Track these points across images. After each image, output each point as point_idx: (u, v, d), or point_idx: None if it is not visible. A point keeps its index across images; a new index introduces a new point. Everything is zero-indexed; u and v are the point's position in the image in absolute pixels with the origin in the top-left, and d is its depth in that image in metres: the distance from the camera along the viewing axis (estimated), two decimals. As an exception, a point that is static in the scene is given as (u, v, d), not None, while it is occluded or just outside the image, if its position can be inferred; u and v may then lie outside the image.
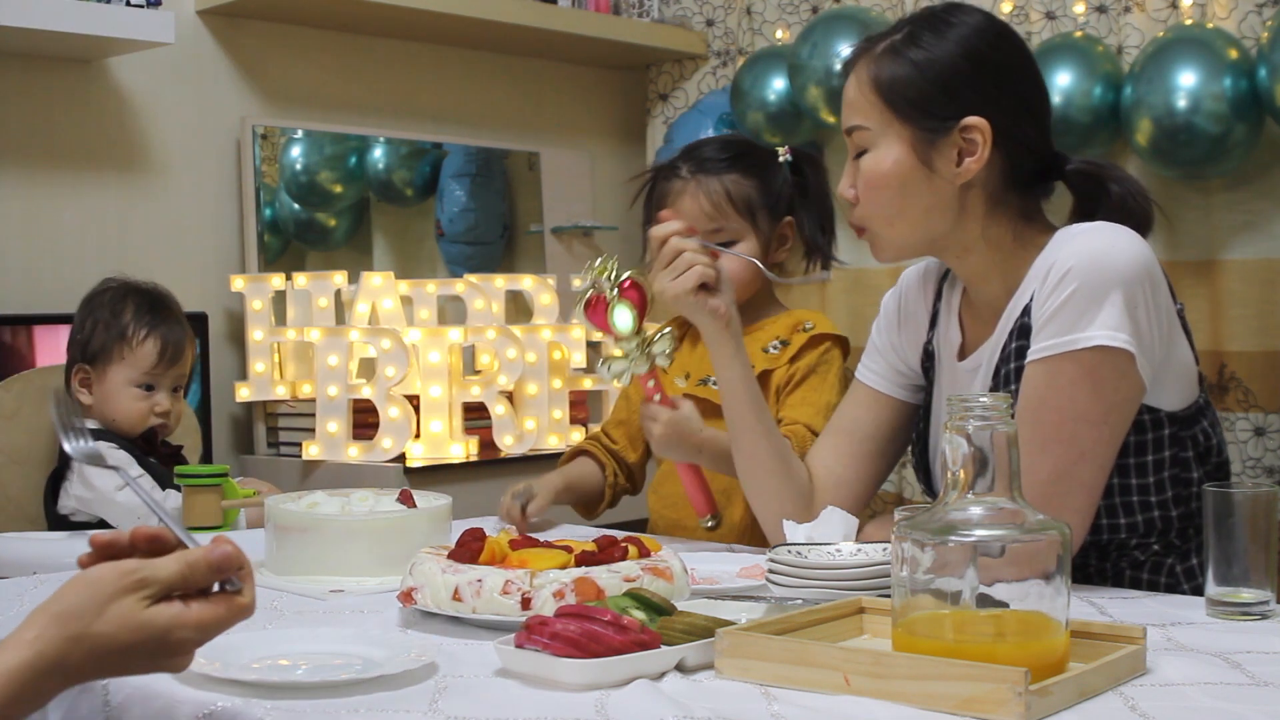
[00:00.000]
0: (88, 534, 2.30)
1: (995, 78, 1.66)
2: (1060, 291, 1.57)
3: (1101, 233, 1.61)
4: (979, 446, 1.21)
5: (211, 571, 1.07)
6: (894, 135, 1.65)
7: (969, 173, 1.64)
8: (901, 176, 1.65)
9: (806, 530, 1.65)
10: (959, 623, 1.19)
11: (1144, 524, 1.66)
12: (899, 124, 1.65)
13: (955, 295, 1.81)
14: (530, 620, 1.24)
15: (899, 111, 1.65)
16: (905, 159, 1.65)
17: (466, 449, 2.98)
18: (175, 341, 2.47)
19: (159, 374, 2.45)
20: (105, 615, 1.03)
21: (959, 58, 1.64)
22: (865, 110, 1.67)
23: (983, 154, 1.63)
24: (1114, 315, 1.55)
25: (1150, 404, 1.62)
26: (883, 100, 1.65)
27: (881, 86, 1.65)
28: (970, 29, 1.66)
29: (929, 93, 1.64)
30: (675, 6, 3.90)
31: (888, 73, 1.65)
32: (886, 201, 1.67)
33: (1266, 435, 3.01)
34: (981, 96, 1.64)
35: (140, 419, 2.44)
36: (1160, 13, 3.08)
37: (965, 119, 1.63)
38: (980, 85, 1.64)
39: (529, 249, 3.85)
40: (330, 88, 3.46)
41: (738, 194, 2.11)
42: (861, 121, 1.68)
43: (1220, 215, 3.05)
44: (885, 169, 1.66)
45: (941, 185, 1.65)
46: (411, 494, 1.81)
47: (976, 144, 1.63)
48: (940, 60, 1.64)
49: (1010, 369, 1.65)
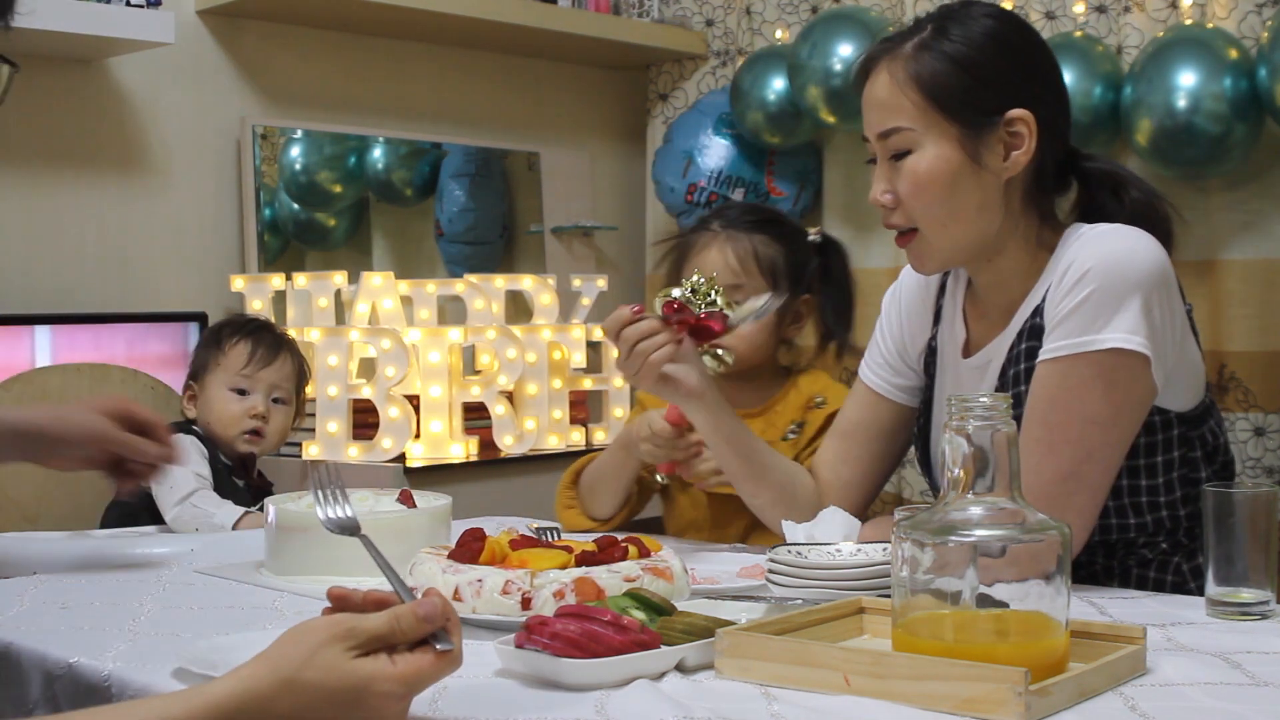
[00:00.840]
0: (87, 534, 2.32)
1: (1030, 69, 1.65)
2: (1077, 292, 1.57)
3: (1121, 235, 1.61)
4: (979, 446, 1.21)
5: (418, 623, 1.08)
6: (939, 133, 1.61)
7: (1017, 166, 1.63)
8: (952, 175, 1.61)
9: (806, 530, 1.65)
10: (959, 623, 1.19)
11: (1153, 523, 1.66)
12: (945, 122, 1.61)
13: (959, 290, 1.80)
14: (530, 620, 1.24)
15: (944, 109, 1.61)
16: (955, 157, 1.61)
17: (466, 449, 2.98)
18: (267, 346, 2.54)
19: (250, 376, 2.50)
20: (313, 663, 1.05)
21: (994, 51, 1.62)
22: (905, 110, 1.62)
23: (1030, 145, 1.62)
24: (1131, 318, 1.55)
25: (1161, 405, 1.62)
26: (926, 98, 1.61)
27: (924, 84, 1.61)
28: (996, 22, 1.65)
29: (972, 87, 1.61)
30: (675, 6, 3.90)
31: (928, 69, 1.61)
32: (938, 203, 1.63)
33: (1266, 435, 3.01)
34: (1021, 88, 1.62)
35: (235, 420, 2.47)
36: (1160, 13, 3.08)
37: (1010, 111, 1.61)
38: (1019, 77, 1.63)
39: (529, 249, 3.85)
40: (330, 88, 3.46)
41: (764, 255, 2.09)
42: (903, 123, 1.62)
43: (1220, 215, 3.05)
44: (936, 169, 1.61)
45: (990, 181, 1.63)
46: (411, 494, 1.81)
47: (1023, 136, 1.62)
48: (977, 54, 1.61)
49: (1020, 369, 1.64)
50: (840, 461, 1.87)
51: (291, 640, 1.07)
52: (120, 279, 3.11)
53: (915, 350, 1.85)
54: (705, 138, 3.68)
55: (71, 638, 1.41)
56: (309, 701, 1.05)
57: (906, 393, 1.87)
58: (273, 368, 2.53)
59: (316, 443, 2.92)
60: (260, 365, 2.52)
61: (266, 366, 2.53)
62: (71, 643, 1.38)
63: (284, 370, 2.57)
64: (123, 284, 3.11)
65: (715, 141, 3.67)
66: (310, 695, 1.05)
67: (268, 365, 2.53)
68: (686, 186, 3.67)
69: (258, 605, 1.58)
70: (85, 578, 1.75)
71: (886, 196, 1.66)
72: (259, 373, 2.51)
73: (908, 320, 1.86)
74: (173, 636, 1.41)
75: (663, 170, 3.74)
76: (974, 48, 1.62)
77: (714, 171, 3.65)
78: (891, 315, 1.88)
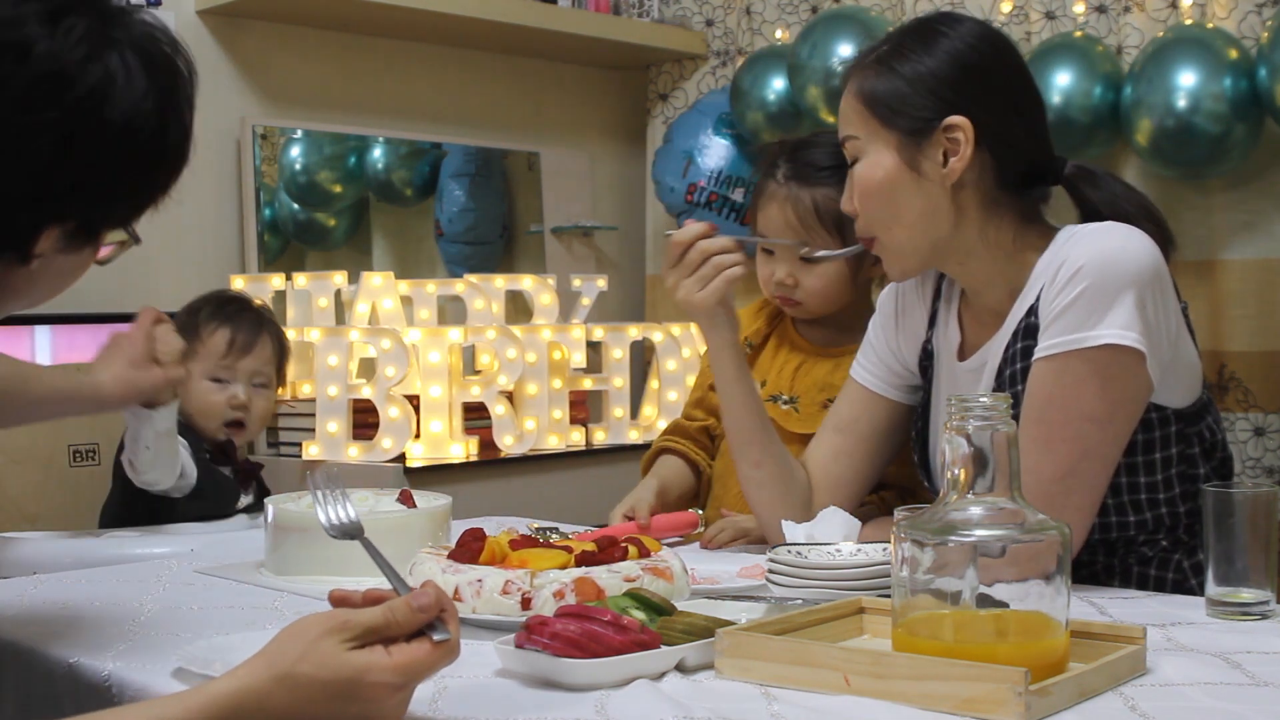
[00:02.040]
0: (87, 534, 2.32)
1: (979, 79, 1.67)
2: (1070, 289, 1.58)
3: (1113, 232, 1.62)
4: (979, 446, 1.21)
5: (413, 614, 1.09)
6: (881, 142, 1.67)
7: (955, 172, 1.64)
8: (891, 182, 1.66)
9: (806, 530, 1.65)
10: (959, 623, 1.19)
11: (1152, 520, 1.67)
12: (885, 131, 1.66)
13: (955, 294, 1.81)
14: (530, 620, 1.24)
15: (883, 119, 1.66)
16: (892, 164, 1.66)
17: (466, 449, 2.98)
18: (246, 331, 2.48)
19: (229, 365, 2.46)
20: (308, 656, 1.05)
21: (941, 63, 1.66)
22: (854, 121, 1.69)
23: (965, 152, 1.64)
24: (1124, 314, 1.56)
25: (1158, 402, 1.63)
26: (868, 109, 1.67)
27: (865, 96, 1.67)
28: (957, 36, 1.68)
29: (910, 97, 1.65)
30: (675, 6, 3.90)
31: (871, 84, 1.67)
32: (881, 208, 1.68)
33: (1266, 435, 3.01)
34: (963, 97, 1.65)
35: (216, 411, 2.44)
36: (1160, 13, 3.08)
37: (947, 119, 1.64)
38: (962, 86, 1.65)
39: (529, 249, 3.85)
40: (330, 88, 3.46)
41: (826, 209, 2.04)
42: (850, 131, 1.69)
43: (1220, 215, 3.05)
44: (875, 175, 1.67)
45: (931, 188, 1.66)
46: (411, 494, 1.81)
47: (959, 142, 1.64)
48: (922, 66, 1.66)
49: (1016, 369, 1.65)
50: (832, 459, 1.87)
51: (287, 636, 1.07)
52: (120, 279, 3.11)
53: (911, 352, 1.86)
54: (705, 138, 3.68)
55: (71, 638, 1.41)
56: (306, 695, 1.05)
57: (900, 390, 1.87)
58: (253, 354, 2.48)
59: (316, 443, 2.92)
60: (241, 353, 2.46)
61: (247, 354, 2.47)
62: (71, 643, 1.38)
63: (264, 354, 2.51)
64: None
65: (715, 141, 3.67)
66: (306, 688, 1.05)
67: (248, 353, 2.47)
68: (686, 186, 3.67)
69: (258, 605, 1.58)
70: (85, 578, 1.75)
71: (847, 205, 1.72)
72: (239, 362, 2.46)
73: (903, 322, 1.87)
74: (173, 636, 1.41)
75: (663, 170, 3.74)
76: (919, 59, 1.66)
77: (714, 171, 3.65)
78: (888, 315, 1.89)
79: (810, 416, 2.08)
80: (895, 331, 1.87)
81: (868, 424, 1.88)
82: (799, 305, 2.11)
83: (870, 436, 1.88)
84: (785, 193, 2.07)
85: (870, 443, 1.88)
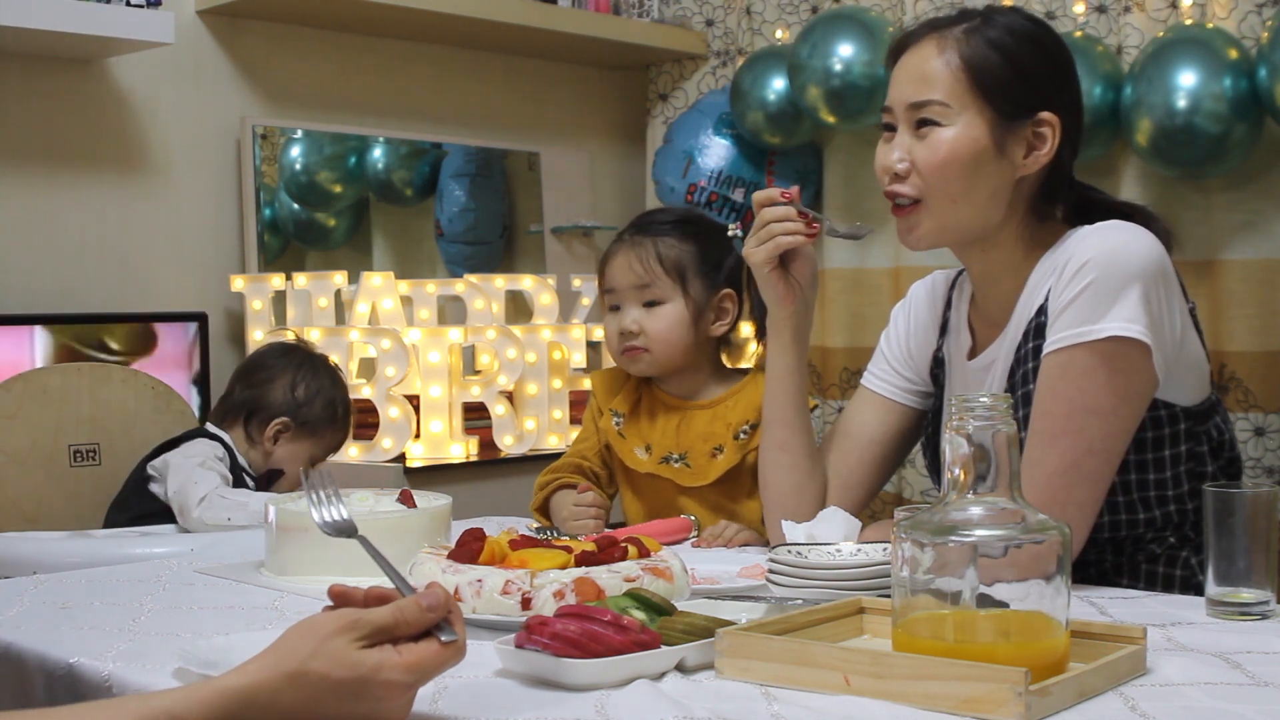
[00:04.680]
0: (87, 534, 2.32)
1: (1063, 77, 1.70)
2: (1076, 284, 1.59)
3: (1119, 229, 1.63)
4: (980, 446, 1.21)
5: (422, 613, 1.10)
6: (975, 114, 1.65)
7: (1036, 164, 1.66)
8: (977, 156, 1.65)
9: (806, 530, 1.65)
10: (959, 623, 1.19)
11: (1161, 518, 1.68)
12: (982, 104, 1.64)
13: (963, 301, 1.83)
14: (530, 620, 1.24)
15: (986, 93, 1.64)
16: (983, 140, 1.65)
17: (466, 449, 2.98)
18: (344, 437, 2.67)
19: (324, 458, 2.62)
20: (319, 654, 1.06)
21: (1035, 51, 1.67)
22: (945, 85, 1.65)
23: (1050, 148, 1.66)
24: (1130, 307, 1.57)
25: (1167, 399, 1.64)
26: (971, 78, 1.65)
27: (970, 64, 1.65)
28: (1037, 26, 1.70)
29: (1014, 79, 1.65)
30: (675, 6, 3.90)
31: (978, 53, 1.65)
32: (955, 180, 1.65)
33: (1266, 435, 3.01)
34: (1054, 93, 1.67)
35: (293, 487, 2.51)
36: (1160, 13, 3.08)
37: (1041, 113, 1.65)
38: (1053, 82, 1.68)
39: (529, 249, 3.85)
40: (330, 88, 3.46)
41: (667, 256, 2.09)
42: (938, 96, 1.65)
43: (1220, 215, 3.05)
44: (962, 145, 1.64)
45: (1007, 173, 1.66)
46: (411, 494, 1.81)
47: (1046, 138, 1.66)
48: (1021, 50, 1.66)
49: (1028, 369, 1.66)
50: (843, 462, 1.89)
51: (298, 634, 1.08)
52: (120, 279, 3.11)
53: (923, 360, 1.88)
54: (705, 138, 3.68)
55: (71, 638, 1.41)
56: (316, 693, 1.05)
57: (912, 396, 1.89)
58: None
59: (316, 443, 2.92)
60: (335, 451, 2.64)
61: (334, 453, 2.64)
62: (71, 643, 1.38)
63: None
64: (123, 284, 3.11)
65: (715, 141, 3.67)
66: (317, 686, 1.05)
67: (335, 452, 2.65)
68: (686, 186, 3.67)
69: (258, 605, 1.58)
70: (85, 578, 1.75)
71: (902, 164, 1.68)
72: (328, 455, 2.62)
73: (916, 331, 1.89)
74: (173, 636, 1.41)
75: (663, 170, 3.74)
76: (1019, 44, 1.67)
77: (714, 171, 3.65)
78: (900, 324, 1.91)
79: (701, 469, 2.09)
80: (907, 340, 1.89)
81: (880, 430, 1.89)
82: (644, 353, 2.11)
83: (880, 442, 1.89)
84: (627, 244, 2.13)
85: (880, 448, 1.89)
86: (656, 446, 2.13)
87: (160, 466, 2.40)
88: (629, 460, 2.14)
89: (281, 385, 2.54)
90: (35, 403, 2.50)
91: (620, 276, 2.11)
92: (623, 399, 2.18)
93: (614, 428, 2.16)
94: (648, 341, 2.10)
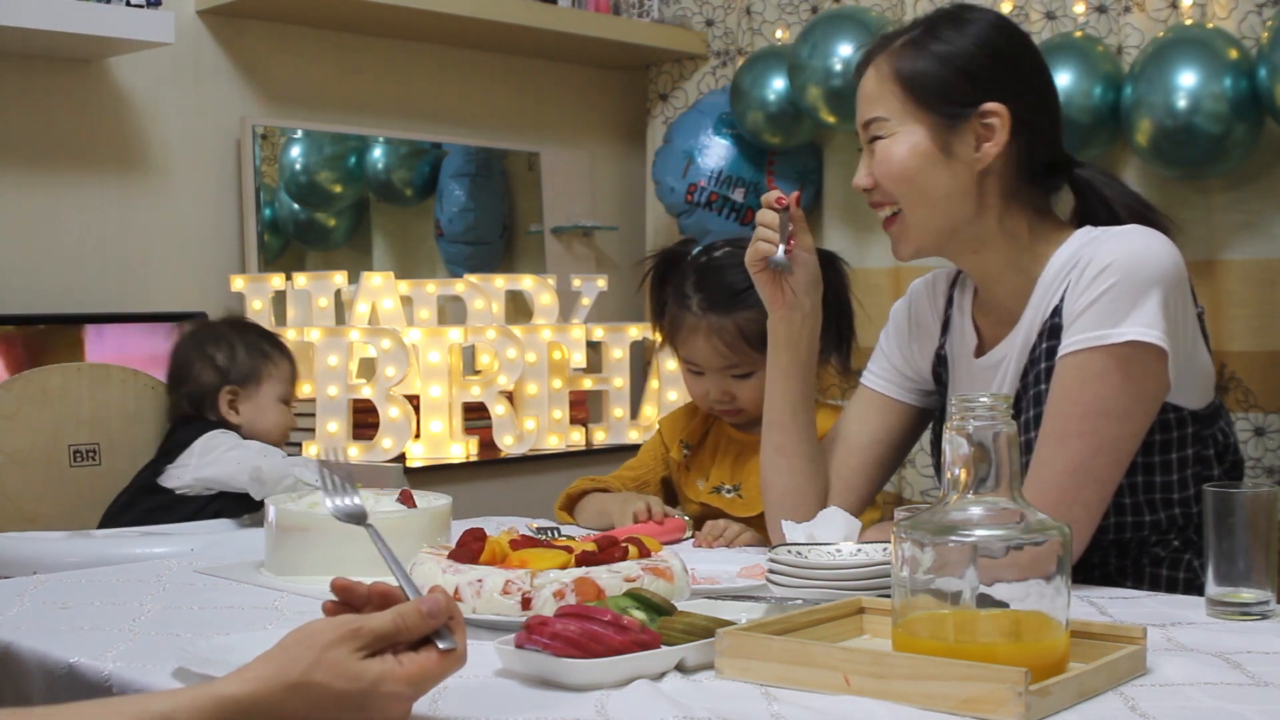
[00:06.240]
0: (87, 534, 2.32)
1: (1012, 68, 1.70)
2: (1096, 287, 1.59)
3: (1140, 234, 1.64)
4: (980, 446, 1.21)
5: (422, 619, 1.10)
6: (913, 121, 1.67)
7: (988, 157, 1.67)
8: (922, 161, 1.67)
9: (806, 530, 1.65)
10: (959, 623, 1.19)
11: (1166, 520, 1.68)
12: (919, 111, 1.67)
13: (966, 299, 1.83)
14: (530, 620, 1.24)
15: (919, 100, 1.67)
16: (924, 145, 1.67)
17: (466, 449, 2.98)
18: (293, 358, 2.69)
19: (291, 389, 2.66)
20: (321, 664, 1.06)
21: (977, 49, 1.68)
22: (885, 101, 1.69)
23: (1000, 139, 1.66)
24: (1150, 312, 1.57)
25: (1175, 403, 1.65)
26: (903, 90, 1.68)
27: (902, 77, 1.68)
28: (987, 24, 1.70)
29: (950, 80, 1.67)
30: (675, 6, 3.90)
31: (909, 65, 1.68)
32: (909, 187, 1.69)
33: (1266, 435, 3.01)
34: (999, 84, 1.67)
35: (285, 432, 2.64)
36: (1160, 13, 3.08)
37: (984, 104, 1.66)
38: (998, 74, 1.68)
39: (529, 249, 3.85)
40: (330, 88, 3.46)
41: (751, 331, 2.06)
42: (880, 113, 1.70)
43: (1220, 215, 3.05)
44: (904, 154, 1.67)
45: (960, 171, 1.67)
46: (411, 494, 1.81)
47: (994, 129, 1.66)
48: (960, 51, 1.67)
49: (1041, 369, 1.66)
50: (843, 463, 1.88)
51: (295, 642, 1.07)
52: (120, 279, 3.11)
53: (925, 359, 1.87)
54: (705, 138, 3.68)
55: (71, 638, 1.41)
56: (317, 702, 1.05)
57: (913, 394, 1.89)
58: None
59: (316, 443, 2.92)
60: (296, 378, 2.67)
61: (296, 379, 2.68)
62: (71, 643, 1.38)
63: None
64: (122, 284, 3.11)
65: (715, 141, 3.67)
66: (318, 696, 1.05)
67: (297, 379, 2.68)
68: (686, 186, 3.67)
69: (258, 605, 1.58)
70: (85, 578, 1.75)
71: (866, 179, 1.73)
72: (293, 386, 2.66)
73: (916, 329, 1.88)
74: (173, 636, 1.41)
75: (663, 170, 3.74)
76: (957, 43, 1.68)
77: (714, 171, 3.65)
78: (901, 324, 1.91)
79: (752, 499, 2.10)
80: (909, 339, 1.89)
81: (882, 430, 1.89)
82: (740, 413, 2.14)
83: (881, 442, 1.89)
84: (707, 324, 2.10)
85: (880, 448, 1.89)
86: (713, 478, 2.18)
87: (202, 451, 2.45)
88: (689, 491, 2.19)
89: (202, 367, 2.58)
90: (35, 403, 2.50)
91: (706, 359, 2.10)
92: (693, 431, 2.23)
93: (682, 458, 2.21)
94: (740, 404, 2.12)
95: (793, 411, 1.85)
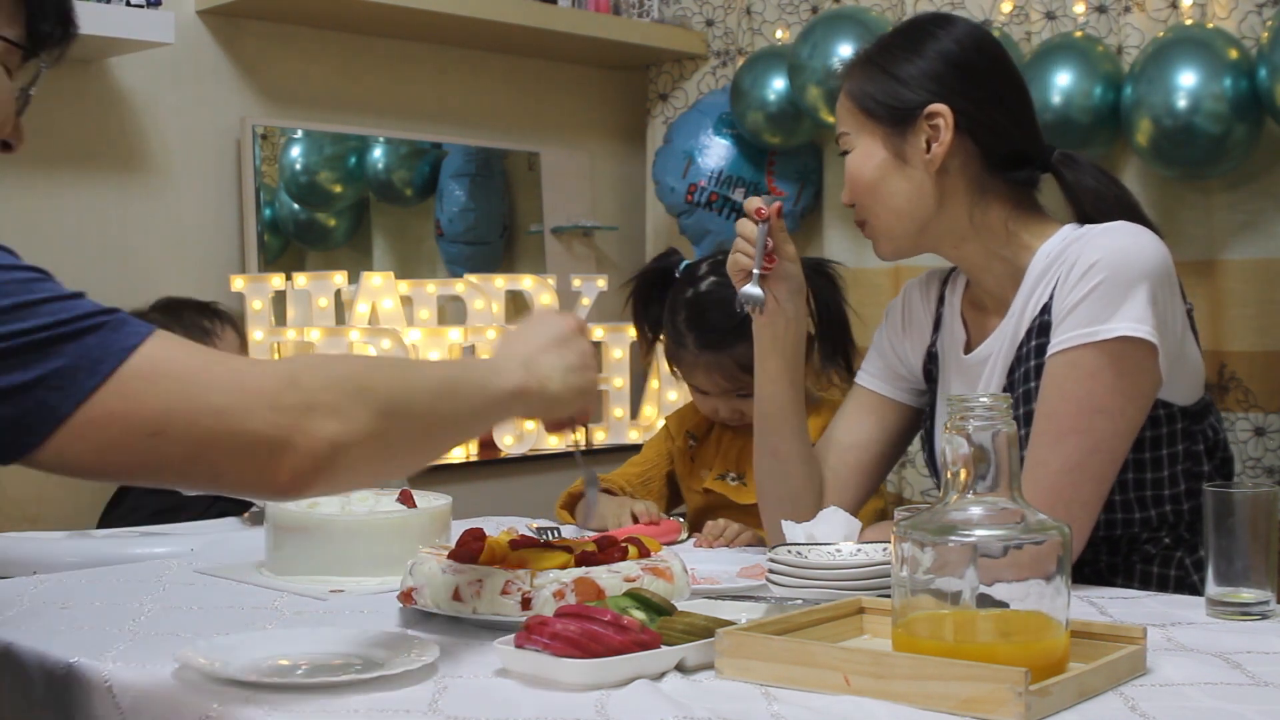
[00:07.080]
0: (87, 534, 2.32)
1: (959, 70, 1.73)
2: (1085, 284, 1.60)
3: (1126, 230, 1.65)
4: (979, 446, 1.21)
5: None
6: (869, 135, 1.75)
7: (937, 157, 1.70)
8: (879, 169, 1.73)
9: (806, 530, 1.65)
10: (959, 623, 1.19)
11: (1157, 517, 1.69)
12: (872, 124, 1.74)
13: (957, 296, 1.85)
14: (530, 620, 1.24)
15: (869, 113, 1.74)
16: (880, 154, 1.74)
17: (466, 449, 2.98)
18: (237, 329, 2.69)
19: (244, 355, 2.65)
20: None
21: (925, 58, 1.73)
22: (846, 118, 1.78)
23: (945, 137, 1.70)
24: (1138, 308, 1.58)
25: (1165, 399, 1.66)
26: (856, 106, 1.76)
27: (854, 94, 1.76)
28: (944, 34, 1.75)
29: (894, 90, 1.72)
30: (675, 6, 3.90)
31: (859, 83, 1.76)
32: (869, 195, 1.75)
33: (1266, 435, 3.01)
34: (944, 87, 1.71)
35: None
36: (1160, 13, 3.08)
37: (928, 107, 1.70)
38: (943, 78, 1.72)
39: (529, 249, 3.85)
40: (330, 88, 3.46)
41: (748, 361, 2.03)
42: (843, 129, 1.78)
43: (1220, 215, 3.05)
44: (863, 166, 1.75)
45: (916, 174, 1.72)
46: (411, 494, 1.81)
47: (940, 128, 1.70)
48: (907, 62, 1.73)
49: (1030, 366, 1.66)
50: (840, 462, 1.89)
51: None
52: (120, 278, 3.11)
53: (916, 357, 1.89)
54: (705, 138, 3.67)
55: (71, 638, 1.41)
56: None
57: (906, 392, 1.90)
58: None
59: (316, 443, 2.92)
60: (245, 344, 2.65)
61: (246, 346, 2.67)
62: (71, 643, 1.38)
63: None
64: (123, 283, 3.11)
65: (715, 141, 3.66)
66: None
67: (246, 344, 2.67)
68: (686, 186, 3.66)
69: (258, 605, 1.58)
70: (85, 578, 1.75)
71: (846, 198, 1.80)
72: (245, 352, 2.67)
73: (909, 328, 1.90)
74: (173, 636, 1.41)
75: (663, 170, 3.74)
76: (905, 55, 1.74)
77: (714, 171, 3.65)
78: (894, 322, 1.92)
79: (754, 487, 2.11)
80: (901, 337, 1.90)
81: (876, 429, 1.90)
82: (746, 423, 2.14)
83: (877, 440, 1.90)
84: (705, 362, 2.18)
85: (876, 447, 1.90)
86: (718, 466, 2.24)
87: None
88: (693, 481, 2.24)
89: None
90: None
91: (709, 387, 2.20)
92: (699, 423, 2.30)
93: (687, 449, 2.26)
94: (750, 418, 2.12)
95: (783, 414, 1.85)
